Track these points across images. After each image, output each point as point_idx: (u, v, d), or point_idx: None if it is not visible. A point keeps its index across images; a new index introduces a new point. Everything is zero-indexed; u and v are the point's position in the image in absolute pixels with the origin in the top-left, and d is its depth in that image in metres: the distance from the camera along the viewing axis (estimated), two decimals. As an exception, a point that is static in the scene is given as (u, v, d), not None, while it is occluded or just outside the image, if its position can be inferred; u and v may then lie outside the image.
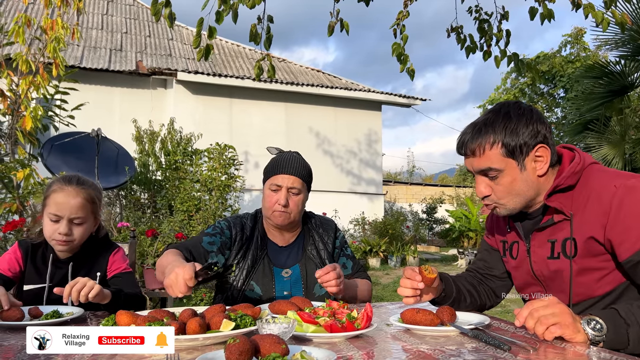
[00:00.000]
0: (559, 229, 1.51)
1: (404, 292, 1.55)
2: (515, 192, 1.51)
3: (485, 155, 1.49)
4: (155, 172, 8.24)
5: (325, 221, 2.19)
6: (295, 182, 1.97)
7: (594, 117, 7.77)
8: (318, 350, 1.10)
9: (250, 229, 2.03)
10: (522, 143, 1.46)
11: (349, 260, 2.14)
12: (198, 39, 4.09)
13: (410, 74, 4.88)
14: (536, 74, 7.25)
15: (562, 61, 22.92)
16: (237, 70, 12.62)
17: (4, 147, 4.83)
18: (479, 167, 1.51)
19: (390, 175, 33.25)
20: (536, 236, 1.57)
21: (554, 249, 1.52)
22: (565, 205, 1.48)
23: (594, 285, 1.46)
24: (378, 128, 13.43)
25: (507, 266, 1.73)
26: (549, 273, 1.54)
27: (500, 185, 1.51)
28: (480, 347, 1.22)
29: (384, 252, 11.24)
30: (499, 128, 1.47)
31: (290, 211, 1.96)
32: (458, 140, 1.57)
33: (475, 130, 1.51)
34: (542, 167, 1.49)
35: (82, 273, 1.82)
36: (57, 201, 1.83)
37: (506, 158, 1.47)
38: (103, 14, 13.21)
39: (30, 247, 1.90)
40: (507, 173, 1.49)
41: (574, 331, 1.21)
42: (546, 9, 4.43)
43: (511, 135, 1.46)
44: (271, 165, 2.03)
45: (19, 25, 4.54)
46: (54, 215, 1.82)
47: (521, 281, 1.67)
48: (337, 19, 4.57)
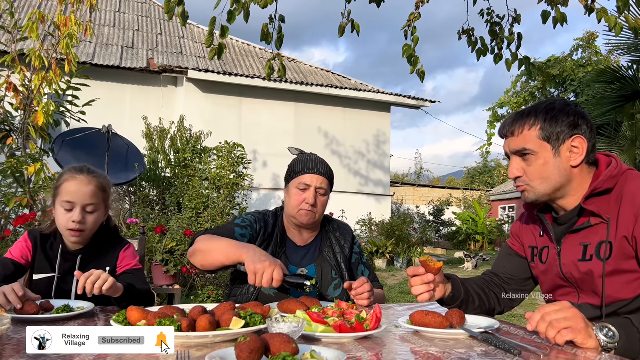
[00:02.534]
0: (594, 232, 1.51)
1: (417, 290, 1.56)
2: (545, 176, 1.53)
3: (522, 136, 1.54)
4: (164, 170, 8.29)
5: (342, 226, 2.21)
6: (324, 182, 2.01)
7: (604, 122, 7.70)
8: (328, 350, 1.10)
9: (272, 226, 2.05)
10: (559, 130, 1.50)
11: (367, 269, 2.17)
12: (210, 38, 4.10)
13: (420, 76, 4.87)
14: (547, 78, 7.20)
15: (573, 65, 22.78)
16: (247, 69, 12.65)
17: (16, 141, 4.87)
18: (515, 147, 1.56)
19: (398, 177, 33.20)
20: (569, 239, 1.57)
21: (587, 252, 1.52)
22: (602, 208, 1.49)
23: (624, 288, 1.46)
24: (387, 129, 13.41)
25: (535, 271, 1.73)
26: (580, 275, 1.54)
27: (532, 167, 1.54)
28: (490, 351, 1.22)
29: (390, 254, 11.22)
30: (541, 113, 1.53)
31: (317, 211, 1.99)
32: (502, 123, 1.63)
33: (519, 114, 1.59)
34: (576, 158, 1.52)
35: (91, 266, 1.83)
36: (70, 189, 1.85)
37: (542, 141, 1.52)
38: (115, 11, 13.29)
39: (39, 237, 1.92)
40: (540, 156, 1.52)
41: (586, 337, 1.21)
42: (559, 13, 4.40)
43: (551, 121, 1.51)
44: (299, 164, 2.04)
45: (33, 21, 4.58)
46: (68, 202, 1.84)
47: (550, 285, 1.67)
48: (348, 20, 4.57)
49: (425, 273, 1.55)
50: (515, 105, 23.29)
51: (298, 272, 1.98)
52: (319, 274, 2.01)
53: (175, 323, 1.22)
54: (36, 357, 1.09)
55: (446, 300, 1.67)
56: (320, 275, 2.01)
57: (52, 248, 1.92)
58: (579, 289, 1.57)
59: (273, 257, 1.68)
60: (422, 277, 1.54)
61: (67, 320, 1.53)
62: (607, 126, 7.67)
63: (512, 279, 1.79)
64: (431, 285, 1.56)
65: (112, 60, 10.94)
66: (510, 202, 22.80)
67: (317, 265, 2.03)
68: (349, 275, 2.05)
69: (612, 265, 1.46)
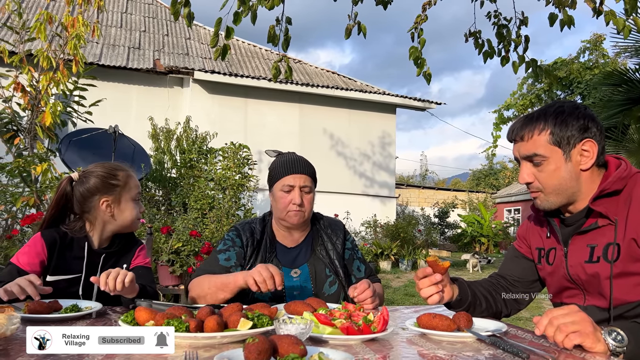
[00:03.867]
0: (601, 233, 1.50)
1: (427, 292, 1.55)
2: (557, 182, 1.52)
3: (532, 141, 1.52)
4: (170, 170, 8.31)
5: (333, 222, 2.20)
6: (307, 180, 2.00)
7: (611, 125, 7.67)
8: (335, 352, 1.10)
9: (260, 233, 2.06)
10: (570, 134, 1.49)
11: (362, 264, 2.16)
12: (215, 39, 4.12)
13: (426, 78, 4.86)
14: (554, 80, 7.18)
15: (580, 67, 22.67)
16: (253, 70, 12.67)
17: (24, 141, 4.90)
18: (525, 152, 1.54)
19: (403, 179, 33.15)
20: (576, 240, 1.56)
21: (593, 253, 1.51)
22: (610, 210, 1.48)
23: (632, 291, 1.45)
24: (392, 131, 13.39)
25: (542, 273, 1.72)
26: (586, 277, 1.53)
27: (543, 172, 1.53)
28: (497, 354, 1.21)
29: (395, 256, 11.20)
30: (550, 117, 1.51)
31: (305, 209, 2.00)
32: (510, 127, 1.61)
33: (527, 117, 1.56)
34: (587, 162, 1.51)
35: (110, 264, 1.92)
36: (136, 183, 2.02)
37: (553, 146, 1.50)
38: (122, 12, 13.35)
39: (58, 239, 1.91)
40: (551, 161, 1.51)
41: (594, 340, 1.20)
42: (566, 16, 4.39)
43: (561, 125, 1.49)
44: (278, 167, 2.04)
45: (41, 22, 4.61)
46: (138, 194, 2.02)
47: (557, 286, 1.66)
48: (355, 22, 4.57)
49: (434, 273, 1.54)
50: (522, 108, 23.21)
51: (291, 274, 1.99)
52: (312, 273, 2.01)
53: (183, 324, 1.22)
54: (45, 357, 1.10)
55: (453, 304, 1.67)
56: (314, 273, 2.01)
57: (72, 249, 1.93)
58: (585, 290, 1.56)
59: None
60: (430, 278, 1.54)
61: (75, 320, 1.54)
62: (614, 129, 7.63)
63: (518, 281, 1.78)
64: (440, 285, 1.55)
65: (119, 60, 10.99)
66: (516, 205, 22.72)
67: (310, 265, 2.03)
68: (344, 272, 2.05)
69: (619, 267, 1.45)
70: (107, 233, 1.99)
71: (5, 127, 4.99)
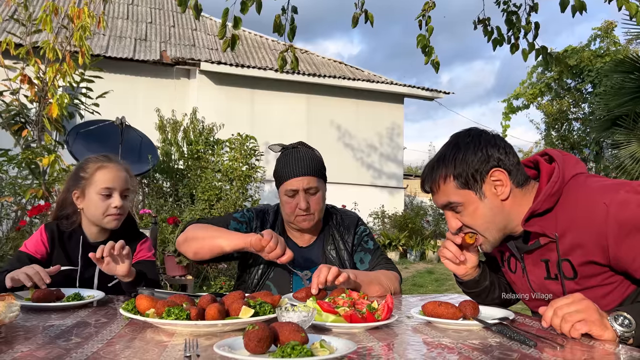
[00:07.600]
0: (548, 249, 1.45)
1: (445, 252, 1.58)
2: (482, 221, 1.46)
3: (441, 191, 1.47)
4: (177, 161, 8.32)
5: (347, 217, 2.09)
6: (311, 181, 1.85)
7: (623, 112, 7.56)
8: (338, 340, 1.08)
9: (271, 224, 1.97)
10: (473, 172, 1.42)
11: (367, 254, 2.02)
12: (223, 30, 4.08)
13: (435, 67, 4.80)
14: (565, 68, 7.08)
15: (590, 55, 22.35)
16: (259, 61, 12.63)
17: (31, 133, 4.92)
18: (440, 203, 1.50)
19: (411, 169, 33.01)
20: (528, 257, 1.52)
21: (550, 269, 1.47)
22: (547, 227, 1.41)
23: (601, 301, 1.36)
24: (400, 121, 13.31)
25: (506, 276, 1.68)
26: (551, 291, 1.50)
27: (465, 216, 1.47)
28: (504, 342, 1.19)
29: (403, 246, 11.18)
30: (449, 161, 1.45)
31: (313, 212, 1.87)
32: (420, 177, 1.57)
33: (429, 168, 1.51)
34: (503, 191, 1.43)
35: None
36: (106, 177, 1.89)
37: (462, 190, 1.44)
38: (128, 3, 13.34)
39: (57, 231, 1.92)
40: (467, 204, 1.45)
41: (602, 328, 1.17)
42: (578, 1, 4.30)
43: (461, 165, 1.43)
44: (281, 169, 1.90)
45: (47, 13, 4.60)
46: (106, 189, 1.88)
47: (526, 293, 1.62)
48: (361, 11, 4.52)
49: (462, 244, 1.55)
50: (531, 97, 22.92)
51: (301, 275, 1.91)
52: None
53: (184, 312, 1.21)
54: (41, 346, 1.09)
55: (470, 283, 1.65)
56: None
57: (71, 241, 1.93)
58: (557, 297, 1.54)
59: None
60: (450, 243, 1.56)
61: (77, 308, 1.53)
62: (625, 117, 7.53)
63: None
64: (461, 255, 1.55)
65: (125, 52, 10.99)
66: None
67: None
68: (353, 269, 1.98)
69: (581, 284, 1.41)
70: (94, 227, 1.95)
71: (13, 119, 5.02)
